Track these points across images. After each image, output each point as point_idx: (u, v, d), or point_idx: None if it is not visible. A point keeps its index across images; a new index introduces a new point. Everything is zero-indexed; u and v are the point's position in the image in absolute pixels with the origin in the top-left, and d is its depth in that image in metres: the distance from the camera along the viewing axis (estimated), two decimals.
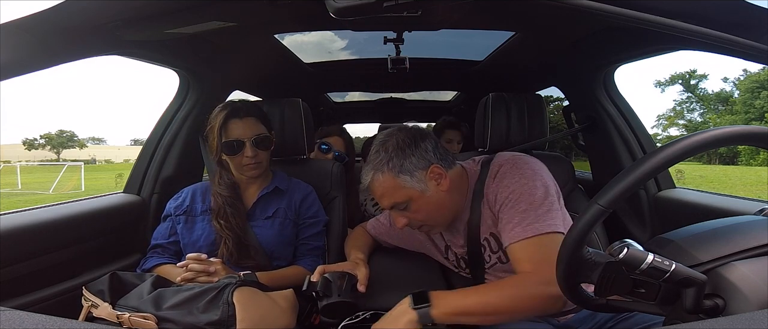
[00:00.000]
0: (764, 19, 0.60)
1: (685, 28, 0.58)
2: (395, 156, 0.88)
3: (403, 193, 0.88)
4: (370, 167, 0.91)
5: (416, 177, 0.87)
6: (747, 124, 1.55)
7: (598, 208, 0.50)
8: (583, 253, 0.53)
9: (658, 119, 37.46)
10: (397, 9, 0.59)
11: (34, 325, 0.40)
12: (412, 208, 0.90)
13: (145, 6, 0.83)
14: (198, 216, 1.11)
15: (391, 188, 0.88)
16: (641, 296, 0.52)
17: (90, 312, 0.82)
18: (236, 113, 1.09)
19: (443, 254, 1.06)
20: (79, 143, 60.37)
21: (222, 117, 1.07)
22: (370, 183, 0.91)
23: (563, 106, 1.77)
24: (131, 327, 0.77)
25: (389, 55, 1.52)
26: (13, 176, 20.57)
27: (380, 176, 0.89)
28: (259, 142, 1.09)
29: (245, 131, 1.08)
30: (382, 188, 0.90)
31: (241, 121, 1.08)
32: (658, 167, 0.48)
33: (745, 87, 29.43)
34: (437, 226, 0.97)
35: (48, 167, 30.14)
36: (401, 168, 0.87)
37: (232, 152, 1.08)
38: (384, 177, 0.88)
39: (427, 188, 0.88)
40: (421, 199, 0.89)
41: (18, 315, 0.42)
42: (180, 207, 1.12)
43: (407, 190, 0.88)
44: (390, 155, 0.88)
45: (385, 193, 0.90)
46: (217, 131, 1.07)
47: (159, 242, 1.11)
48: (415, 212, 0.90)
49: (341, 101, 3.02)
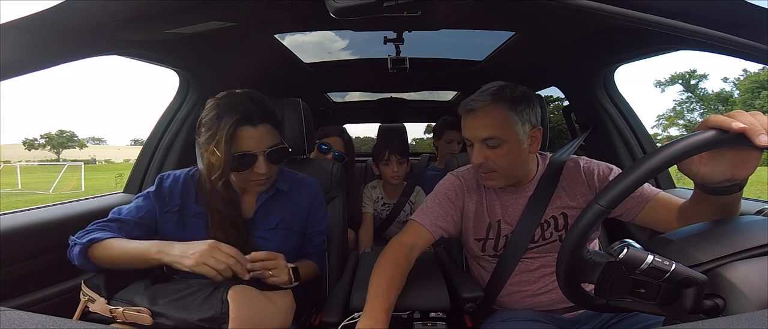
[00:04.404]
0: (764, 19, 0.60)
1: (685, 28, 0.58)
2: (520, 101, 0.93)
3: (506, 131, 0.92)
4: (488, 95, 0.93)
5: (524, 128, 0.93)
6: None
7: (598, 208, 0.50)
8: (583, 253, 0.53)
9: (658, 119, 37.47)
10: (397, 9, 0.59)
11: (33, 325, 0.40)
12: (501, 150, 0.93)
13: (145, 6, 0.83)
14: (190, 218, 0.94)
15: (500, 121, 0.92)
16: (641, 296, 0.52)
17: (87, 306, 0.81)
18: (249, 119, 0.87)
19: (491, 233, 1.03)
20: (79, 143, 60.39)
21: (231, 124, 0.85)
22: (483, 107, 0.93)
23: (563, 106, 1.77)
24: (125, 320, 0.76)
25: (389, 55, 1.53)
26: (13, 176, 20.58)
27: (497, 106, 0.92)
28: (273, 155, 0.91)
29: (259, 142, 0.89)
30: (492, 117, 0.92)
31: (255, 129, 0.88)
32: (658, 167, 0.48)
33: (745, 87, 29.42)
34: (503, 178, 0.98)
35: (48, 167, 30.14)
36: (519, 111, 0.92)
37: (242, 168, 0.89)
38: (500, 108, 0.92)
39: (524, 140, 0.94)
40: (514, 146, 0.93)
41: (18, 315, 0.42)
42: (168, 205, 0.94)
43: (513, 131, 0.92)
44: (516, 98, 0.93)
45: (492, 123, 0.92)
46: (225, 142, 0.84)
47: (122, 218, 0.90)
48: (500, 155, 0.93)
49: (341, 101, 3.02)
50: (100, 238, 0.83)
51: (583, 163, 1.02)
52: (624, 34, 1.12)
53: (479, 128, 0.93)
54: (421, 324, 0.95)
